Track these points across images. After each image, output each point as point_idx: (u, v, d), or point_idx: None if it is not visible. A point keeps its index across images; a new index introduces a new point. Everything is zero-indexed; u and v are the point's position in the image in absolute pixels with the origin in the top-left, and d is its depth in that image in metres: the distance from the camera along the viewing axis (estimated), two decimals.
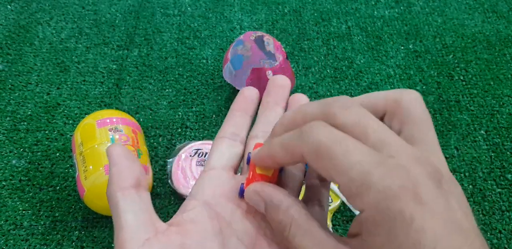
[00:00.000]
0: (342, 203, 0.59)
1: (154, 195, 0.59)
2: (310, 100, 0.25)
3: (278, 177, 0.24)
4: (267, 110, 0.28)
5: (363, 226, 0.18)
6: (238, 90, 0.72)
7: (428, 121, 0.20)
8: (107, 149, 0.23)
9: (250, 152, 0.24)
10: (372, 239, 0.17)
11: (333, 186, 0.58)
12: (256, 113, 0.29)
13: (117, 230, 0.21)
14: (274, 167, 0.23)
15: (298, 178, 0.25)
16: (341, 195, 0.58)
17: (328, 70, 0.74)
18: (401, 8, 0.85)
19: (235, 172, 0.26)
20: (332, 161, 0.18)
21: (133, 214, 0.21)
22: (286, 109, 0.29)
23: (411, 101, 0.20)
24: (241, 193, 0.23)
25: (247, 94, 0.28)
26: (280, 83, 0.28)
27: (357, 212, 0.54)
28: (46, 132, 0.64)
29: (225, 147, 0.26)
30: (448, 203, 0.18)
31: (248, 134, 0.28)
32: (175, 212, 0.58)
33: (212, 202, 0.23)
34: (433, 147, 0.20)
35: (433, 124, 0.71)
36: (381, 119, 0.21)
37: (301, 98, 0.28)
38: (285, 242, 0.21)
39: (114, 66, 0.73)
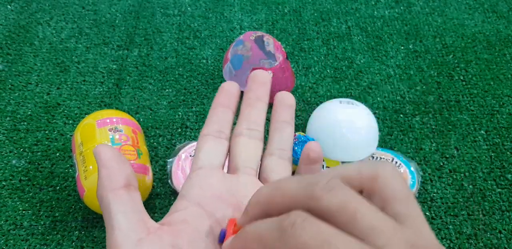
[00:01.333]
0: None
1: (154, 195, 0.59)
2: (309, 100, 0.25)
3: None
4: (249, 107, 0.27)
5: None
6: None
7: (410, 196, 0.19)
8: (94, 150, 0.23)
9: (222, 229, 0.22)
10: None
11: None
12: (239, 108, 0.28)
13: (109, 231, 0.21)
14: None
15: None
16: None
17: (328, 70, 0.74)
18: (401, 8, 0.85)
19: (222, 169, 0.26)
20: None
21: (125, 215, 0.21)
22: (268, 104, 0.28)
23: (388, 177, 0.19)
24: (221, 239, 0.22)
25: (228, 89, 0.28)
26: (260, 79, 0.28)
27: None
28: (46, 132, 0.64)
29: (211, 145, 0.26)
30: None
31: (232, 129, 0.27)
32: None
33: (203, 202, 0.24)
34: (420, 223, 0.19)
35: (432, 128, 0.70)
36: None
37: (285, 97, 0.28)
38: None
39: (114, 66, 0.73)
